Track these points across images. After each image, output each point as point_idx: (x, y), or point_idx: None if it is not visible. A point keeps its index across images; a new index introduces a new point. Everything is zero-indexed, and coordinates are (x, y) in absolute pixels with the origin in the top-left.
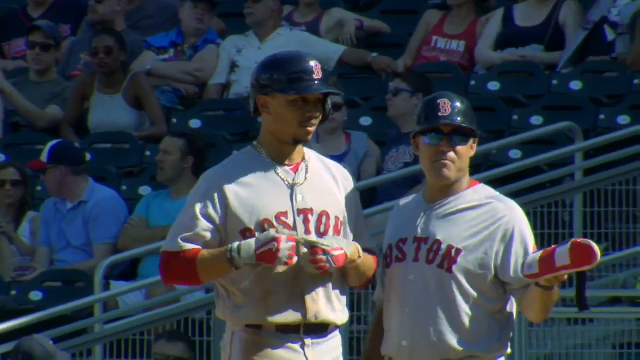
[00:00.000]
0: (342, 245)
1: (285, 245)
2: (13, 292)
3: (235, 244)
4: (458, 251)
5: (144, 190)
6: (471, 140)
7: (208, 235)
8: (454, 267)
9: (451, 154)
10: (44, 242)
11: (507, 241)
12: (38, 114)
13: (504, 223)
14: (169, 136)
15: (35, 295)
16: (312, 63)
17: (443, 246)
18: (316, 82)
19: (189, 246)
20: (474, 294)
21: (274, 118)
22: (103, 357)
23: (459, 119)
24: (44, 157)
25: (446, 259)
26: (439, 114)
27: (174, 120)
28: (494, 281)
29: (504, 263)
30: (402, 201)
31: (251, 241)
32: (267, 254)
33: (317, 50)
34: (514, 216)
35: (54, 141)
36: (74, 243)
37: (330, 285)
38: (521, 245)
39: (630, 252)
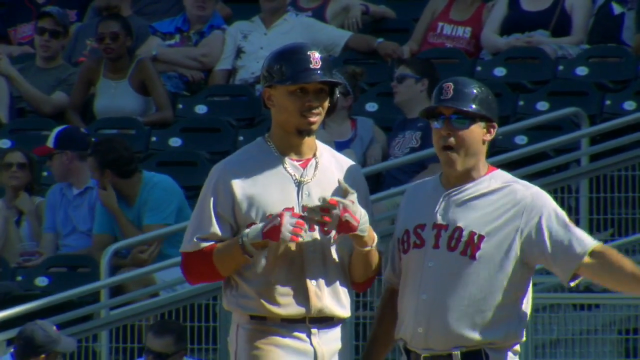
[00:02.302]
0: (362, 222)
1: (288, 220)
2: (19, 278)
3: (246, 230)
4: (481, 238)
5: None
6: (478, 125)
7: (222, 232)
8: (477, 254)
9: (451, 139)
10: (50, 228)
11: (537, 221)
12: (44, 100)
13: (527, 203)
14: (89, 157)
15: (41, 281)
16: (311, 54)
17: (465, 233)
18: (316, 72)
19: (205, 244)
20: (498, 280)
21: (278, 110)
22: (109, 343)
23: (459, 102)
24: (50, 142)
25: (469, 246)
26: (441, 97)
27: (180, 106)
28: (519, 265)
29: (538, 242)
30: (416, 184)
31: (260, 224)
32: (272, 230)
33: (323, 36)
34: (536, 195)
35: (60, 127)
36: (80, 229)
37: (337, 280)
38: (556, 220)
39: (636, 237)
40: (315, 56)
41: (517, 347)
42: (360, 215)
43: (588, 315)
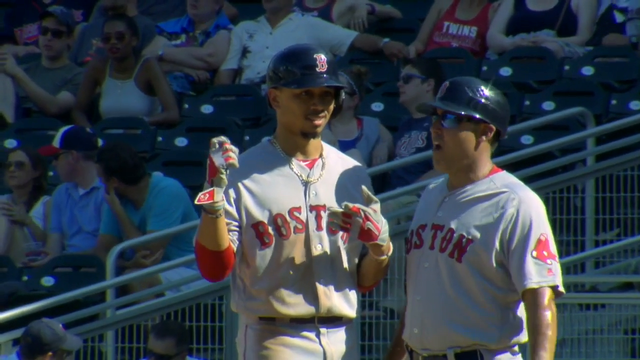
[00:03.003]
0: (383, 231)
1: (216, 154)
2: (25, 278)
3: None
4: (468, 241)
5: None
6: (467, 127)
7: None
8: (463, 258)
9: (438, 137)
10: (56, 228)
11: (511, 231)
12: (50, 100)
13: (510, 213)
14: (96, 164)
15: (47, 281)
16: (317, 56)
17: (455, 235)
18: (322, 75)
19: None
20: (485, 284)
21: (283, 111)
22: (115, 343)
23: (448, 103)
24: (56, 142)
25: (457, 248)
26: (437, 96)
27: (186, 105)
28: (504, 271)
29: (508, 252)
30: (432, 185)
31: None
32: (210, 171)
33: (328, 35)
34: (522, 207)
35: (66, 127)
36: (86, 229)
37: (344, 280)
38: (520, 234)
39: None
40: (322, 59)
41: (516, 348)
42: (381, 225)
43: (594, 315)
